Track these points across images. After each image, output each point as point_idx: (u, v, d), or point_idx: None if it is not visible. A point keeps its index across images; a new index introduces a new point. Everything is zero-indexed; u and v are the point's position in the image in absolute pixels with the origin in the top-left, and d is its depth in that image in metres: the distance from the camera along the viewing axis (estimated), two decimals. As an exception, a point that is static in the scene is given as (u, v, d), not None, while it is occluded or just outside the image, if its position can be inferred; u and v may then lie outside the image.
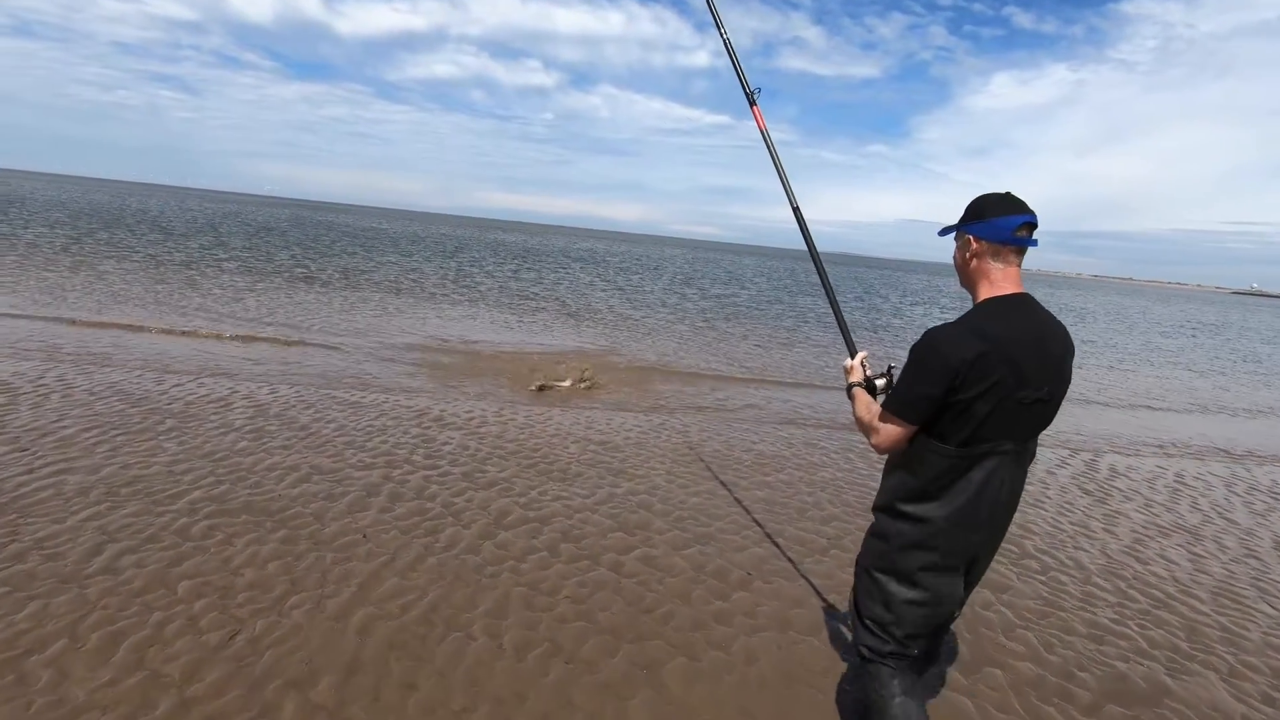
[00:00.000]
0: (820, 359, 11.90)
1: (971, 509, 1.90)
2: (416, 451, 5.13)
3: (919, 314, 24.71)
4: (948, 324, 1.89)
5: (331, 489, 4.27)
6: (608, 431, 6.20)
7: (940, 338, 1.85)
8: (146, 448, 4.67)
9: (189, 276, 14.44)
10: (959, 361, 1.78)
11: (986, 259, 1.92)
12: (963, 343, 1.81)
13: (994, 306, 1.90)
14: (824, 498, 5.02)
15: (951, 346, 1.81)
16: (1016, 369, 1.80)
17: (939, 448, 1.89)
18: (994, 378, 1.78)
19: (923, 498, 1.94)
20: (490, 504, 4.30)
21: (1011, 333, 1.82)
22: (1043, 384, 1.84)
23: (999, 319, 1.85)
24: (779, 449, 6.20)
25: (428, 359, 8.69)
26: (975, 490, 1.88)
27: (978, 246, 1.93)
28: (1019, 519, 4.95)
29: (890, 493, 2.03)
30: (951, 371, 1.79)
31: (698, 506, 4.62)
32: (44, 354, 6.90)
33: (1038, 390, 1.84)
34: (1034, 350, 1.84)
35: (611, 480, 4.95)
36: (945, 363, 1.80)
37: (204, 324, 9.48)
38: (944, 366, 1.80)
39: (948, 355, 1.81)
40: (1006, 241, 1.89)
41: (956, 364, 1.79)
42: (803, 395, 8.75)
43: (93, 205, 41.69)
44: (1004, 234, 1.89)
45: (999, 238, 1.89)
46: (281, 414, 5.71)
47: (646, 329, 13.63)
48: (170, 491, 4.01)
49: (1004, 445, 1.86)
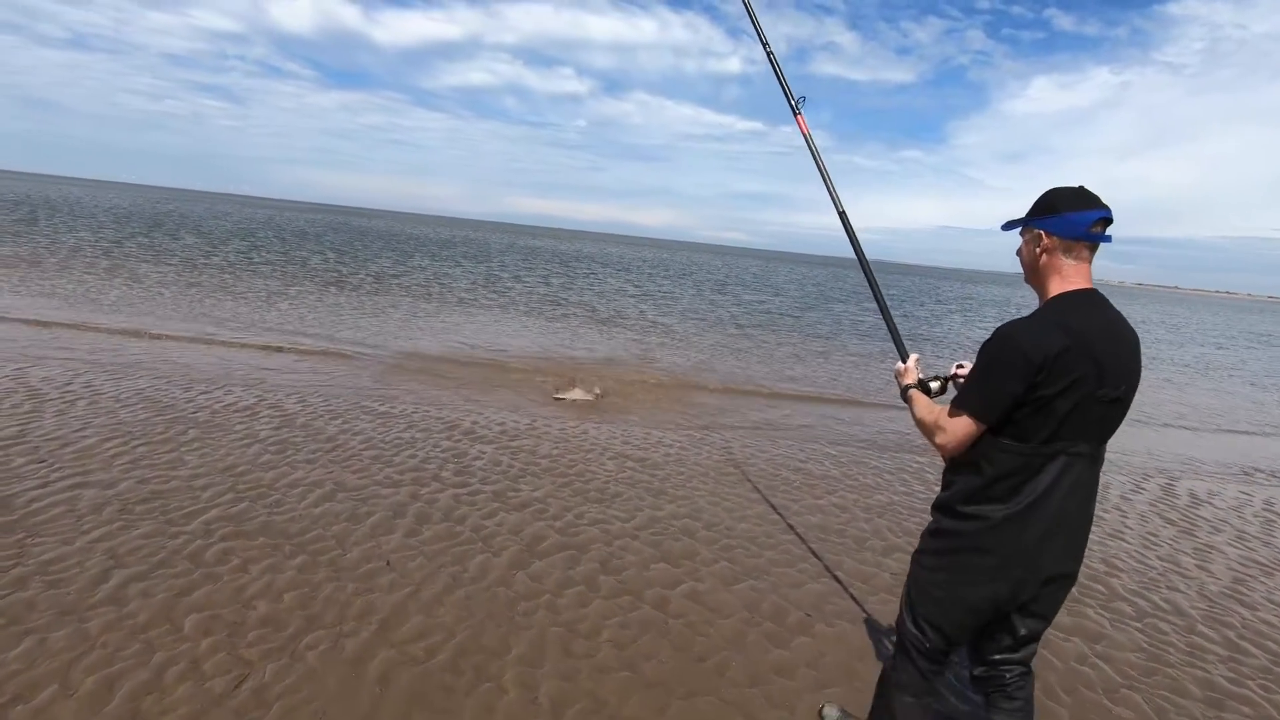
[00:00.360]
0: (860, 370, 11.42)
1: (1037, 512, 1.80)
2: (446, 467, 4.85)
3: (957, 322, 23.95)
4: (1023, 318, 1.82)
5: (355, 509, 4.00)
6: (645, 447, 5.86)
7: (1021, 331, 1.77)
8: (167, 460, 4.46)
9: (222, 280, 14.50)
10: (1042, 356, 1.70)
11: (1058, 255, 1.84)
12: (1046, 336, 1.73)
13: (1069, 301, 1.81)
14: (883, 525, 4.61)
15: (1034, 340, 1.73)
16: (1098, 365, 1.73)
17: (1011, 445, 1.79)
18: (1076, 373, 1.71)
19: (986, 499, 1.84)
20: (523, 528, 3.99)
21: (1090, 328, 1.75)
22: (1120, 382, 1.77)
23: (1077, 313, 1.77)
24: (828, 468, 5.80)
25: (459, 368, 8.46)
26: (1043, 492, 1.78)
27: (1049, 242, 1.84)
28: (1101, 553, 4.49)
29: (951, 492, 1.94)
30: (1034, 366, 1.71)
31: (746, 534, 4.25)
32: (75, 359, 6.81)
33: (1115, 389, 1.76)
34: (1111, 347, 1.76)
35: (652, 502, 4.61)
36: (1027, 357, 1.72)
37: (235, 331, 9.40)
38: (1026, 361, 1.72)
39: (1030, 349, 1.72)
40: (1080, 237, 1.81)
41: (1039, 359, 1.70)
42: (850, 412, 8.32)
43: (136, 210, 42.79)
44: (1078, 229, 1.81)
45: (1073, 233, 1.81)
46: (308, 424, 5.49)
47: (679, 336, 13.29)
48: (187, 510, 3.77)
49: (1079, 446, 1.78)
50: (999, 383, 1.76)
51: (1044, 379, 1.71)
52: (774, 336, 14.77)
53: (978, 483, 1.85)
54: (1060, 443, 1.76)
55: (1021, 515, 1.79)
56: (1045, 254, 1.85)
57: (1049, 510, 1.79)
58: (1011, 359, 1.74)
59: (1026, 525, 1.79)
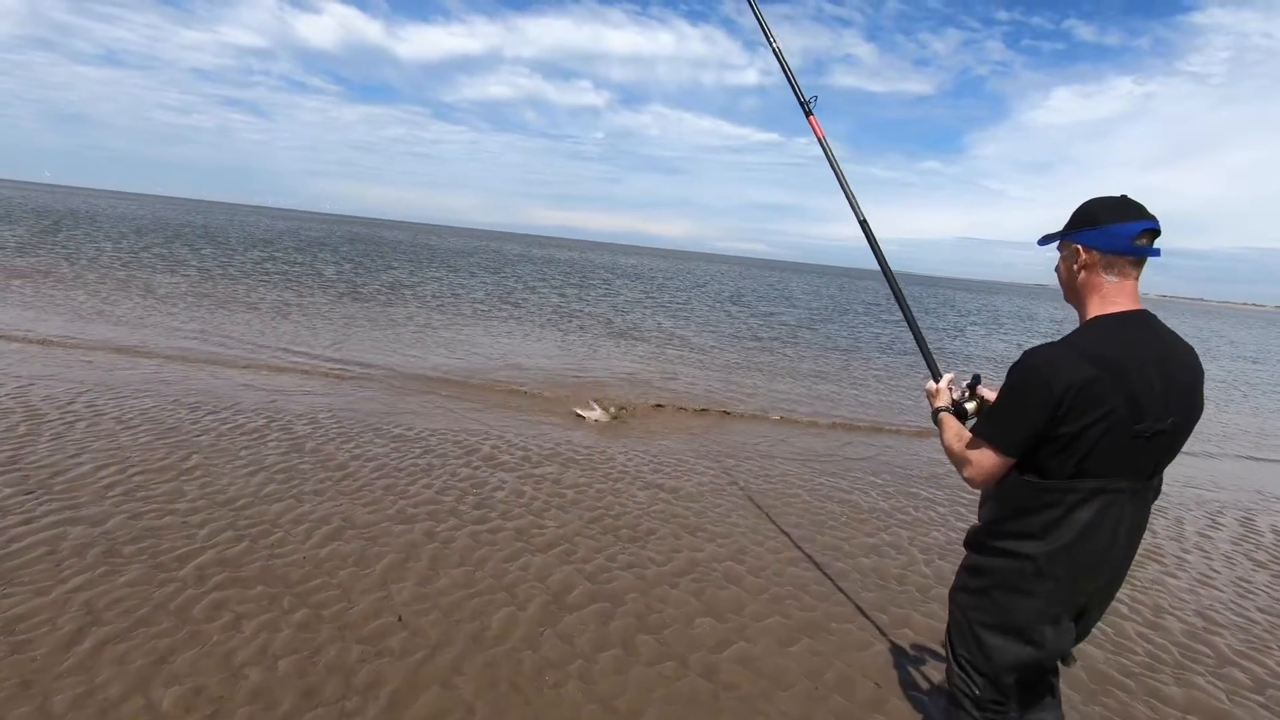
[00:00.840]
0: (888, 388, 10.93)
1: (1079, 552, 1.66)
2: (465, 499, 4.47)
3: (978, 335, 23.31)
4: (1051, 344, 1.66)
5: (365, 550, 3.62)
6: (677, 475, 5.44)
7: (1042, 360, 1.62)
8: (165, 491, 4.11)
9: (235, 292, 14.29)
10: (1063, 388, 1.56)
11: (1098, 271, 1.66)
12: (1068, 366, 1.57)
13: (1107, 325, 1.64)
14: (946, 570, 4.15)
15: (1055, 370, 1.58)
16: (1133, 398, 1.56)
17: (1037, 483, 1.67)
18: (1105, 407, 1.56)
19: (1020, 535, 1.72)
20: (550, 573, 3.58)
21: (1127, 356, 1.58)
22: (1165, 414, 1.60)
23: (1113, 340, 1.61)
24: (875, 500, 5.34)
25: (476, 385, 8.09)
26: (1080, 531, 1.64)
27: (1088, 257, 1.67)
28: (1194, 604, 4.01)
29: (985, 527, 1.83)
30: (1054, 399, 1.56)
31: (796, 580, 3.81)
32: (80, 377, 6.53)
33: (1159, 421, 1.59)
34: (1156, 375, 1.59)
35: (690, 541, 4.19)
36: (1048, 388, 1.57)
37: (246, 347, 9.12)
38: (1046, 393, 1.58)
39: (1050, 380, 1.58)
40: (1124, 251, 1.63)
41: (1060, 391, 1.56)
42: (887, 438, 7.85)
43: (158, 221, 43.15)
44: (1121, 243, 1.63)
45: (1115, 247, 1.63)
46: (318, 450, 5.14)
47: (699, 349, 12.87)
48: (180, 551, 3.41)
49: (1117, 483, 1.63)
50: (1018, 414, 1.65)
51: (1065, 413, 1.57)
52: (794, 350, 14.30)
53: (1008, 517, 1.74)
54: (1090, 480, 1.62)
55: (1060, 554, 1.67)
56: (1084, 271, 1.68)
57: (1093, 549, 1.66)
58: (1031, 388, 1.61)
59: (1069, 564, 1.67)
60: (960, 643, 1.90)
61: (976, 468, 1.73)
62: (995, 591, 1.78)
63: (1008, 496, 1.73)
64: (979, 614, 1.82)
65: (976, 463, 1.72)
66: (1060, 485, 1.64)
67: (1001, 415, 1.70)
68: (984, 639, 1.82)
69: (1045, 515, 1.67)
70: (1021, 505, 1.70)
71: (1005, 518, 1.75)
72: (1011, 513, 1.73)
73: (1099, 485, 1.62)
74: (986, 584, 1.80)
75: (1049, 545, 1.68)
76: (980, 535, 1.84)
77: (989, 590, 1.80)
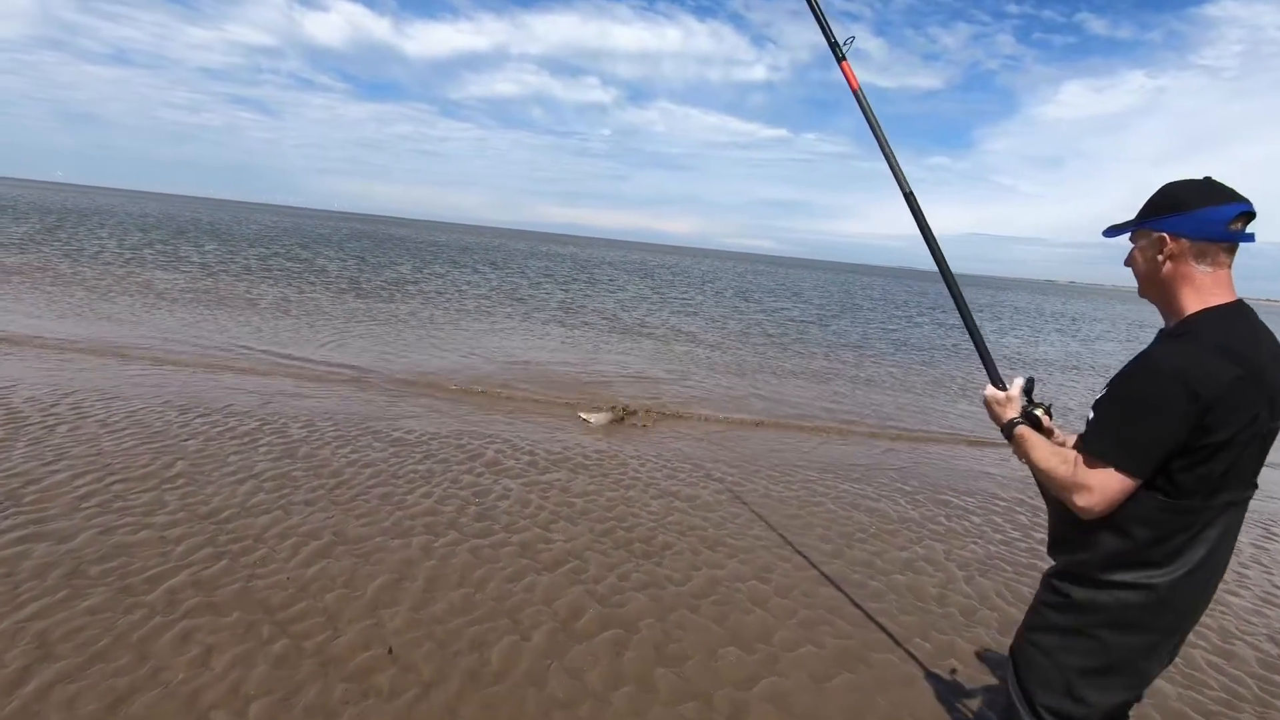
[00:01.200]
0: (901, 385, 10.56)
1: (1202, 575, 1.47)
2: (466, 510, 4.15)
3: (990, 330, 22.85)
4: (1175, 343, 1.44)
5: (355, 569, 3.31)
6: (693, 482, 5.11)
7: (1180, 364, 1.38)
8: (144, 502, 3.82)
9: (235, 289, 14.03)
10: (1210, 393, 1.35)
11: (1188, 261, 1.47)
12: (1212, 368, 1.36)
13: (1222, 319, 1.44)
14: (989, 589, 3.81)
15: (1198, 372, 1.36)
16: (1273, 398, 1.40)
17: (1173, 504, 1.43)
18: (1252, 410, 1.37)
19: (1142, 564, 1.47)
20: (557, 595, 3.26)
21: (1258, 351, 1.40)
22: None
23: (1235, 334, 1.42)
24: (905, 509, 5.00)
25: (479, 385, 7.77)
26: (1207, 553, 1.45)
27: (1175, 246, 1.47)
28: (1265, 628, 3.65)
29: (1091, 558, 1.53)
30: (1202, 407, 1.35)
31: (828, 603, 3.48)
32: (68, 377, 6.25)
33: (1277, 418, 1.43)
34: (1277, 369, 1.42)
35: (709, 557, 3.86)
36: (1194, 396, 1.35)
37: (243, 345, 8.82)
38: (1189, 399, 1.35)
39: (1194, 384, 1.35)
40: (1218, 238, 1.45)
41: (1208, 396, 1.34)
42: (908, 444, 7.49)
43: (165, 218, 43.06)
44: (1216, 228, 1.44)
45: (1209, 233, 1.44)
46: (311, 455, 4.84)
47: (709, 346, 12.51)
48: (152, 572, 3.11)
49: (1246, 492, 1.47)
50: (1153, 426, 1.39)
51: (1213, 421, 1.35)
52: (804, 347, 13.93)
53: (1128, 547, 1.47)
54: (1227, 494, 1.43)
55: (1185, 581, 1.46)
56: (1171, 261, 1.49)
57: (1215, 569, 1.50)
58: (1168, 395, 1.37)
59: (1189, 593, 1.48)
60: (1044, 691, 1.60)
61: (1099, 495, 1.44)
62: (1103, 631, 1.53)
63: (1133, 522, 1.46)
64: (1076, 658, 1.56)
65: (1099, 488, 1.44)
66: (1199, 505, 1.43)
67: (1128, 431, 1.43)
68: (1080, 686, 1.55)
69: (1176, 540, 1.45)
70: (1150, 532, 1.45)
71: (1124, 548, 1.48)
72: (1133, 541, 1.47)
73: (1232, 498, 1.45)
74: (1090, 622, 1.54)
75: (1174, 572, 1.46)
76: (1085, 568, 1.55)
77: (1093, 630, 1.53)
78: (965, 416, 8.63)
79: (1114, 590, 1.50)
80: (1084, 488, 1.45)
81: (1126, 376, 1.46)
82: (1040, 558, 4.36)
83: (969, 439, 7.46)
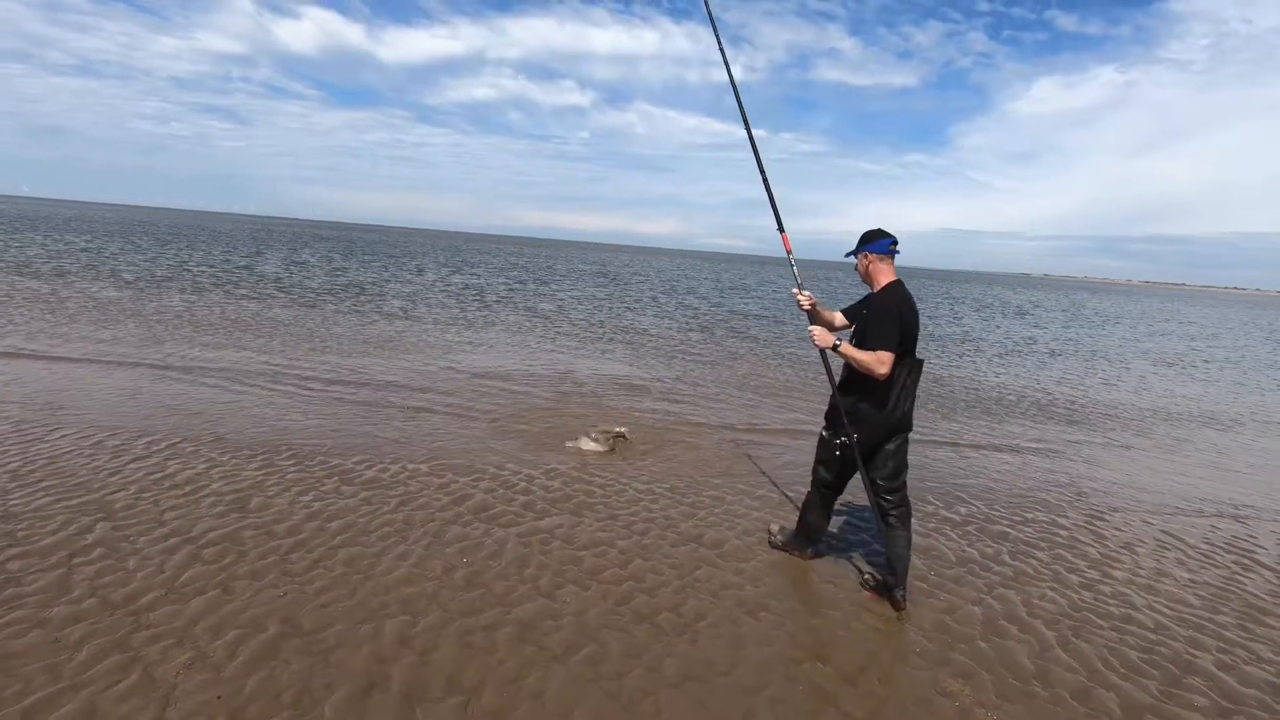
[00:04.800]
0: (927, 391, 9.93)
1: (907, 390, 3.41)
2: (452, 575, 3.41)
3: (945, 317, 22.41)
4: (884, 295, 3.35)
5: (310, 676, 2.55)
6: (716, 520, 4.39)
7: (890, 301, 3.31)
8: (40, 588, 3.03)
9: (187, 300, 13.06)
10: (905, 311, 3.30)
11: (878, 264, 3.43)
12: (900, 303, 3.30)
13: (895, 287, 3.39)
14: (1091, 655, 3.13)
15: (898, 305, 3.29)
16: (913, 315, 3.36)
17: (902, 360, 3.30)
18: (912, 320, 3.34)
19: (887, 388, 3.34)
20: (572, 704, 2.53)
21: (908, 295, 3.39)
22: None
23: (901, 292, 3.38)
24: (959, 546, 4.32)
25: (459, 404, 6.97)
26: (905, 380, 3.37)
27: (874, 258, 3.43)
28: None
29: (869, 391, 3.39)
30: (903, 318, 3.28)
31: (913, 687, 2.78)
32: (-18, 414, 5.38)
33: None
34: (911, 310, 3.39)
35: (754, 628, 3.14)
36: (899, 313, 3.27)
37: (187, 357, 7.92)
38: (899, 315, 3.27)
39: (898, 308, 3.27)
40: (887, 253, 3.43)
41: (905, 313, 3.30)
42: (943, 452, 6.84)
43: (123, 224, 41.53)
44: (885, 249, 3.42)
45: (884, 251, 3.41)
46: (267, 505, 4.06)
47: (703, 360, 11.79)
48: (32, 698, 2.33)
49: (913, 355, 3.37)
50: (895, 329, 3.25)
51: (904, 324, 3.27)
52: (777, 349, 13.27)
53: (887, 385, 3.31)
54: (909, 355, 3.31)
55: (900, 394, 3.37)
56: (871, 265, 3.46)
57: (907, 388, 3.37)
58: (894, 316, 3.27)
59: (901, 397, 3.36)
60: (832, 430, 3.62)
61: (889, 365, 3.20)
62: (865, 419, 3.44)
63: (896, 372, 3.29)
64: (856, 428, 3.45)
65: (889, 361, 3.20)
66: (903, 360, 3.29)
67: (891, 332, 3.22)
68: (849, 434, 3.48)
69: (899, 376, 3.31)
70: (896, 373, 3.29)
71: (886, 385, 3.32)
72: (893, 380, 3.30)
73: (910, 358, 3.33)
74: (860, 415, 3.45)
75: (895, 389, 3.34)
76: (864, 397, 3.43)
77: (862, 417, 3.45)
78: (966, 424, 8.01)
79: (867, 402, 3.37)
80: (883, 363, 3.17)
81: (878, 310, 3.26)
82: (1131, 605, 3.71)
83: (982, 443, 6.83)
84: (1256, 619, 3.70)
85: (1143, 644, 3.31)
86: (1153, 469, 6.71)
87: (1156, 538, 4.82)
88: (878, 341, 3.15)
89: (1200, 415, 9.79)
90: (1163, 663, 3.17)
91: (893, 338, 3.13)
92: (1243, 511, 5.59)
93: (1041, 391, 10.59)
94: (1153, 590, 3.95)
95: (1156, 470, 6.68)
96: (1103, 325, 26.70)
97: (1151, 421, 9.04)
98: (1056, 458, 6.78)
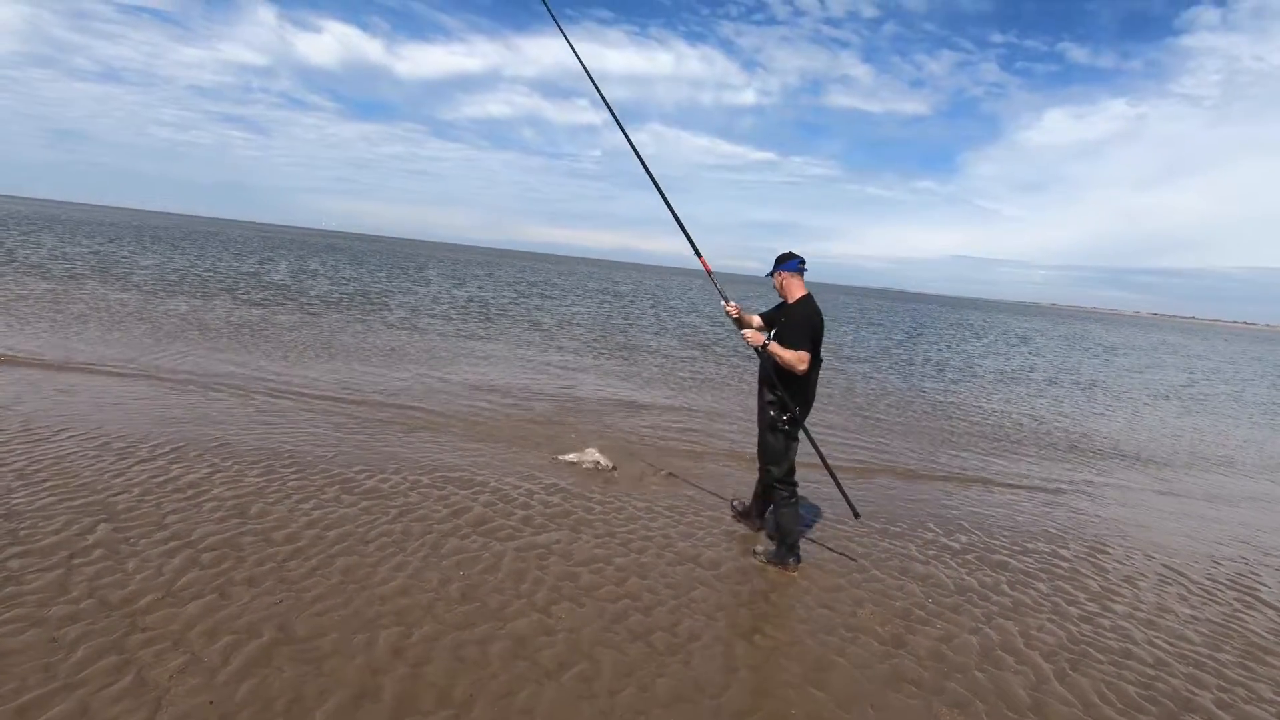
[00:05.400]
0: (904, 416, 9.91)
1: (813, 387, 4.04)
2: (447, 587, 3.41)
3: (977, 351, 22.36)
4: (798, 308, 3.97)
5: (302, 683, 2.56)
6: (712, 541, 4.38)
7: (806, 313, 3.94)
8: (39, 588, 3.05)
9: (194, 305, 13.18)
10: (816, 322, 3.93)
11: (791, 280, 4.05)
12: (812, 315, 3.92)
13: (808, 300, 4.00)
14: (1087, 689, 3.11)
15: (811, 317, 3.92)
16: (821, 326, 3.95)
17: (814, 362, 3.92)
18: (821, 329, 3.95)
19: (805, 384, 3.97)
20: (564, 720, 2.52)
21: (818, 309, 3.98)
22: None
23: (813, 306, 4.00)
24: (959, 574, 4.30)
25: (461, 414, 7.00)
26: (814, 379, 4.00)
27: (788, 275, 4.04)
28: None
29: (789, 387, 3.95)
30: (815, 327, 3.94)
31: (909, 714, 2.76)
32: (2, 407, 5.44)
33: None
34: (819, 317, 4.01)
35: (748, 652, 3.13)
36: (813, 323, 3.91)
37: (192, 367, 7.99)
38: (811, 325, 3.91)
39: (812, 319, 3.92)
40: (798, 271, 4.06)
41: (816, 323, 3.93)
42: (934, 486, 6.81)
43: (131, 229, 42.00)
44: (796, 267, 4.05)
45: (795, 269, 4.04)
46: (266, 513, 4.08)
47: (706, 378, 11.81)
48: (28, 696, 2.34)
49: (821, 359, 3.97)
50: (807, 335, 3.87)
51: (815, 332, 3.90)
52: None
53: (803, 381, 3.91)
54: (816, 359, 3.90)
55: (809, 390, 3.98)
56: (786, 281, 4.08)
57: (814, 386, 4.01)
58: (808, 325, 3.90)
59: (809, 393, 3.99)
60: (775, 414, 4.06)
61: (806, 363, 3.82)
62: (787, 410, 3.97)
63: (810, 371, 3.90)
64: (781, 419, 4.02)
65: (805, 361, 3.81)
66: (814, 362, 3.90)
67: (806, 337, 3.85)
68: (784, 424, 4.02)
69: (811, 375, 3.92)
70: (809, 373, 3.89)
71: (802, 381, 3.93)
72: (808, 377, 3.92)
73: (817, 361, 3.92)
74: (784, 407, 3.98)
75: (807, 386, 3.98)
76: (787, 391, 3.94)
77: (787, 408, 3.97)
78: (970, 456, 7.98)
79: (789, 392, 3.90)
80: (804, 361, 3.77)
81: (794, 318, 3.90)
82: (1131, 640, 3.68)
83: (980, 477, 6.80)
84: (1258, 657, 3.66)
85: (1141, 679, 3.28)
86: (1159, 508, 6.66)
87: (1159, 572, 4.78)
88: (796, 345, 3.79)
89: (1206, 450, 9.72)
90: (1161, 699, 3.14)
91: (806, 341, 3.77)
92: (1246, 548, 5.54)
93: (1045, 422, 10.55)
94: (1153, 625, 3.91)
95: (1161, 509, 6.62)
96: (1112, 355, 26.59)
97: (1158, 456, 8.98)
98: (1060, 492, 6.74)
